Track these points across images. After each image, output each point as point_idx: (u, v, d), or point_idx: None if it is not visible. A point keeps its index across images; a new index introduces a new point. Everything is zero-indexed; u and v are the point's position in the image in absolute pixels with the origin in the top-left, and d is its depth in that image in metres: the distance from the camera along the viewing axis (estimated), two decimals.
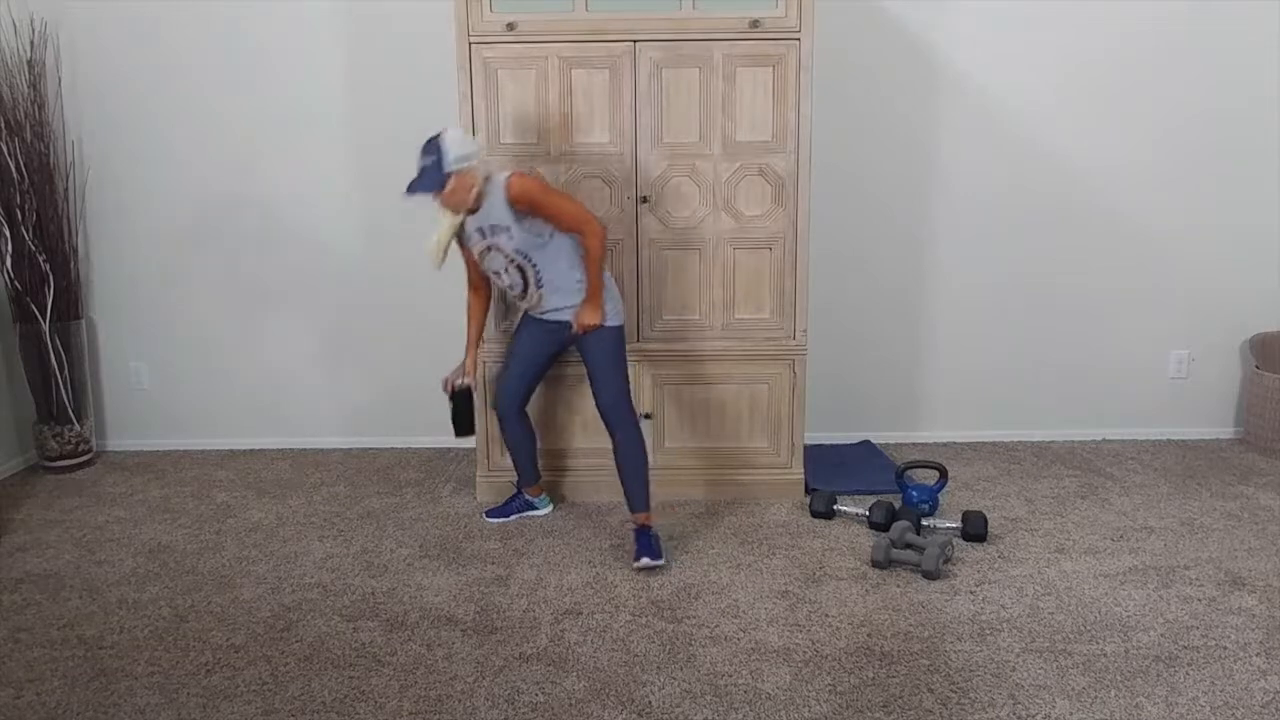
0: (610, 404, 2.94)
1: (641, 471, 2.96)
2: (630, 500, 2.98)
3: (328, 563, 2.98)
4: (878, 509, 3.18)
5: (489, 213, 2.79)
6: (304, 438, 4.17)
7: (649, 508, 2.99)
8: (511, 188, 2.73)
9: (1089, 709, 2.16)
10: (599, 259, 2.81)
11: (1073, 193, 3.95)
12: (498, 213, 2.78)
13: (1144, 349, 4.11)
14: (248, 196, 3.95)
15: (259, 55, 3.83)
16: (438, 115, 3.77)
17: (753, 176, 3.29)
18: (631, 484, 2.96)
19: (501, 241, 2.81)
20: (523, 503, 3.31)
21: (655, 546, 2.91)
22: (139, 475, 3.85)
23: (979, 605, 2.65)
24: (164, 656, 2.42)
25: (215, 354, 4.10)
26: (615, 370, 2.92)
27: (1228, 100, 3.88)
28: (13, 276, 3.72)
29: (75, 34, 3.83)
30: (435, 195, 2.69)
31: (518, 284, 2.91)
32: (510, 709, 2.18)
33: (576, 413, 3.42)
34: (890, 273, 4.02)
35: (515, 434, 3.17)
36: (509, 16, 3.15)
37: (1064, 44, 3.82)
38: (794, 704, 2.19)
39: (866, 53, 3.82)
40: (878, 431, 4.15)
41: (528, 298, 2.95)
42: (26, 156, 3.69)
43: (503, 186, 2.75)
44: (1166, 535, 3.13)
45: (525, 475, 3.26)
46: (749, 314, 3.39)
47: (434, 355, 4.04)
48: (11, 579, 2.89)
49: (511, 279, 2.90)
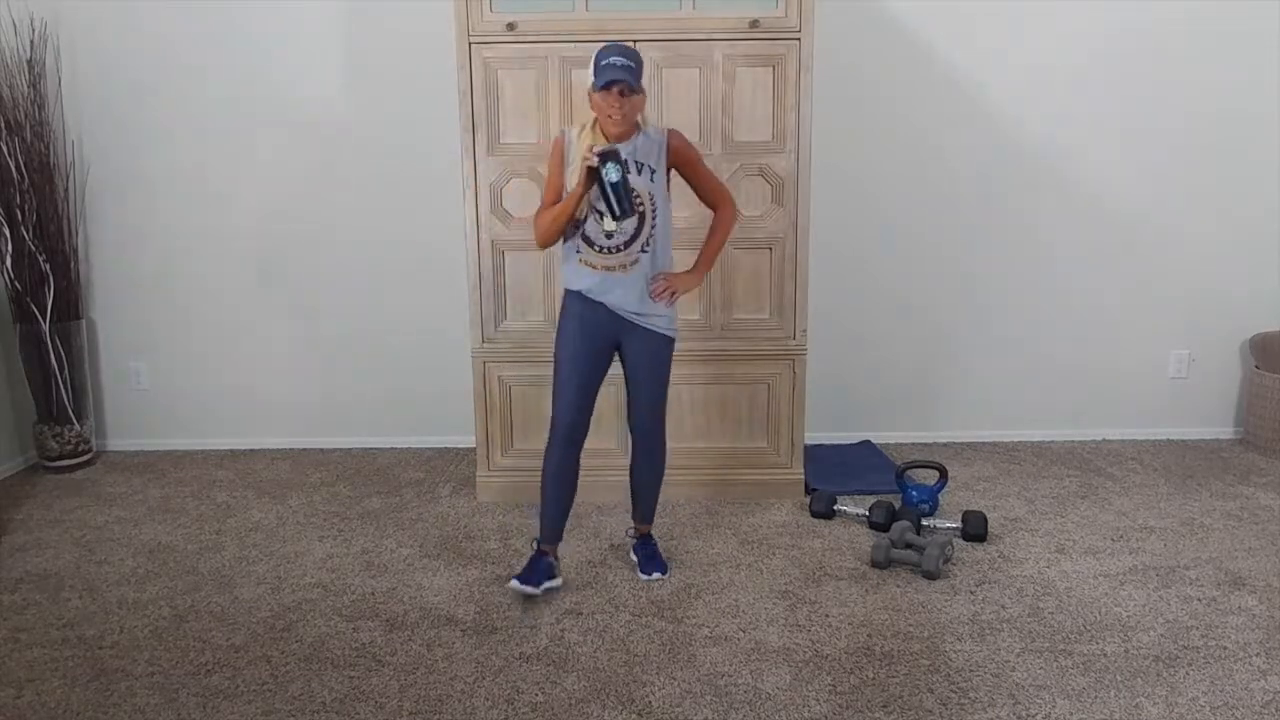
0: (651, 421, 2.80)
1: (658, 488, 2.93)
2: (640, 512, 2.95)
3: (328, 563, 2.98)
4: (878, 509, 3.18)
5: (640, 148, 2.61)
6: (304, 438, 4.17)
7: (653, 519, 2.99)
8: (674, 136, 2.66)
9: (1089, 709, 2.16)
10: (727, 234, 2.75)
11: (1073, 192, 3.95)
12: (648, 152, 2.62)
13: (1144, 349, 4.11)
14: (247, 196, 3.95)
15: (259, 55, 3.83)
16: (438, 115, 3.78)
17: (753, 176, 3.28)
18: (646, 499, 2.93)
19: (642, 181, 2.61)
20: (547, 566, 2.76)
21: (660, 559, 2.91)
22: (139, 475, 3.85)
23: (979, 605, 2.65)
24: (164, 656, 2.42)
25: (215, 354, 4.10)
26: (661, 385, 2.79)
27: (1228, 100, 3.88)
28: (13, 276, 3.72)
29: (75, 34, 3.83)
30: (626, 94, 2.49)
31: (629, 230, 2.61)
32: (510, 709, 2.18)
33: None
34: (890, 273, 4.02)
35: (569, 472, 2.75)
36: (509, 16, 3.15)
37: (1064, 44, 3.82)
38: (794, 704, 2.19)
39: (866, 53, 3.82)
40: (878, 431, 4.15)
41: (624, 253, 2.63)
42: (26, 156, 3.69)
43: (663, 133, 2.66)
44: (1166, 535, 3.13)
45: (554, 531, 2.79)
46: (749, 314, 3.39)
47: (434, 355, 4.04)
48: (11, 579, 2.89)
49: (627, 224, 2.60)
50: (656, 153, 2.63)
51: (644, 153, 2.62)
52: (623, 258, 2.64)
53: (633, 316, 2.68)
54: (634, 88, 2.50)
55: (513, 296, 3.37)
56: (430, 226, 3.93)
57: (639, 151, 2.61)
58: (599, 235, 2.62)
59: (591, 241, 2.63)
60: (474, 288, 3.35)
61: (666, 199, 2.68)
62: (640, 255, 2.64)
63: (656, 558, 2.91)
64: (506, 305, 3.37)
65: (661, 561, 2.90)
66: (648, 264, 2.66)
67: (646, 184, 2.61)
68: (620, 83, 2.47)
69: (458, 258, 3.88)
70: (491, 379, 3.41)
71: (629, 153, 2.58)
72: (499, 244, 3.32)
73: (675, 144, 2.66)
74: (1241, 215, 3.99)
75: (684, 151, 2.68)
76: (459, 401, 4.02)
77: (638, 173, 2.60)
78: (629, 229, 2.62)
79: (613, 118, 2.52)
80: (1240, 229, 4.00)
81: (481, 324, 3.37)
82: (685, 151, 2.68)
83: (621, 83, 2.47)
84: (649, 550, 2.93)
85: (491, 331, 3.38)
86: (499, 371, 3.41)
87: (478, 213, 3.29)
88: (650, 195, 2.62)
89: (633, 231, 2.62)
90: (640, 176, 2.60)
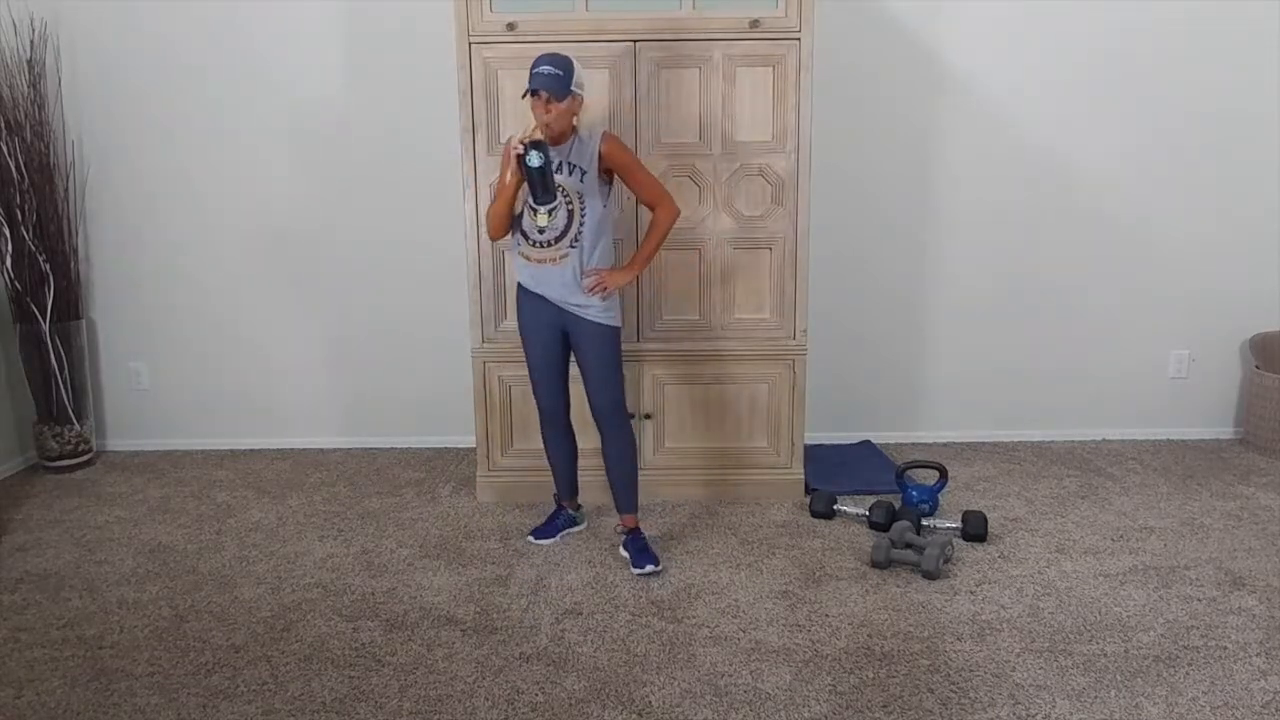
0: (607, 406, 2.91)
1: (633, 475, 2.98)
2: (620, 502, 2.99)
3: (328, 563, 2.98)
4: (878, 509, 3.18)
5: (573, 150, 2.77)
6: (304, 438, 4.17)
7: (637, 509, 3.01)
8: (607, 139, 2.78)
9: (1089, 709, 2.16)
10: (664, 233, 2.87)
11: (1073, 192, 3.95)
12: (581, 154, 2.77)
13: (1144, 349, 4.11)
14: (247, 196, 3.95)
15: (259, 55, 3.83)
16: (438, 115, 3.79)
17: (753, 176, 3.29)
18: (622, 486, 2.98)
19: (572, 181, 2.77)
20: (566, 518, 3.20)
21: (651, 551, 2.92)
22: (139, 475, 3.85)
23: (979, 605, 2.65)
24: (164, 656, 2.42)
25: (215, 354, 4.10)
26: (613, 371, 2.91)
27: (1228, 100, 3.88)
28: (13, 276, 3.72)
29: (75, 34, 3.83)
30: (550, 101, 2.65)
31: (559, 226, 2.78)
32: (510, 709, 2.18)
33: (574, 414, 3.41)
34: (890, 273, 4.02)
35: (561, 444, 3.08)
36: (509, 16, 3.15)
37: (1064, 44, 3.82)
38: (794, 704, 2.19)
39: (866, 53, 3.82)
40: (878, 431, 4.15)
41: (554, 247, 2.79)
42: (26, 156, 3.69)
43: (598, 135, 2.79)
44: (1166, 535, 3.13)
45: (568, 488, 3.17)
46: (749, 314, 3.39)
47: (433, 355, 4.04)
48: (11, 579, 2.89)
49: (557, 220, 2.78)
50: (589, 155, 2.77)
51: (576, 154, 2.78)
52: (553, 251, 2.80)
53: (570, 307, 2.84)
54: (558, 94, 2.64)
55: (512, 296, 3.37)
56: (430, 226, 3.93)
57: (573, 153, 2.78)
58: (533, 230, 2.81)
59: (527, 235, 2.84)
60: (474, 288, 3.35)
61: (598, 198, 2.81)
62: (569, 250, 2.80)
63: (647, 550, 2.91)
64: (506, 305, 3.37)
65: (652, 554, 2.90)
66: (576, 258, 2.80)
67: (576, 183, 2.77)
68: (543, 90, 2.63)
69: (458, 258, 3.88)
70: (491, 379, 3.41)
71: (564, 154, 2.77)
72: (499, 244, 3.33)
73: (605, 148, 2.79)
74: (1241, 215, 3.99)
75: (615, 154, 2.80)
76: (459, 401, 4.02)
77: (568, 173, 2.77)
78: (559, 225, 2.79)
79: (541, 121, 2.67)
80: (1240, 229, 4.00)
81: (481, 324, 3.37)
82: (617, 154, 2.80)
83: (544, 90, 2.62)
84: (639, 544, 2.94)
85: (491, 331, 3.38)
86: (499, 371, 3.41)
87: (478, 213, 3.29)
88: (579, 194, 2.78)
89: (562, 227, 2.79)
90: (570, 177, 2.77)
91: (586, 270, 2.81)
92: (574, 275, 2.81)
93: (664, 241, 2.93)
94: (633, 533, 2.99)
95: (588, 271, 2.82)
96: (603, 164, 2.79)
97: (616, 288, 2.85)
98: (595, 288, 2.81)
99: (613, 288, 2.84)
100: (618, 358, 2.92)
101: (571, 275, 2.80)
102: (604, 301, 2.84)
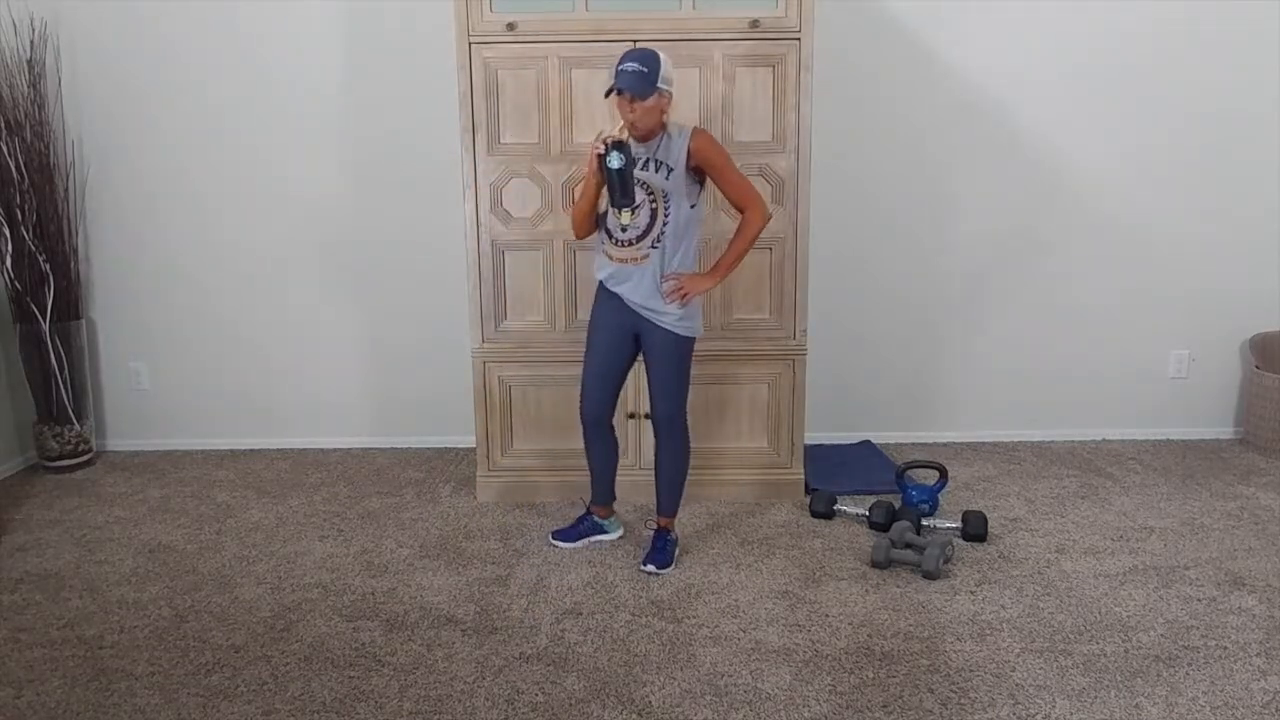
0: (671, 414, 2.86)
1: (680, 482, 2.96)
2: (663, 504, 2.97)
3: (328, 563, 2.98)
4: (878, 509, 3.18)
5: (661, 148, 2.68)
6: (304, 438, 4.17)
7: (675, 514, 3.00)
8: (697, 136, 2.68)
9: (1089, 709, 2.16)
10: (753, 238, 2.75)
11: (1073, 192, 3.95)
12: (669, 151, 2.68)
13: (1144, 349, 4.11)
14: (248, 196, 3.95)
15: (259, 55, 3.83)
16: (438, 115, 3.79)
17: (753, 176, 3.28)
18: (669, 491, 2.95)
19: (658, 179, 2.69)
20: (592, 524, 3.09)
21: (669, 555, 2.91)
22: (139, 475, 3.85)
23: (979, 605, 2.65)
24: (164, 656, 2.42)
25: (215, 354, 4.10)
26: (681, 382, 2.84)
27: (1228, 100, 3.88)
28: (13, 276, 3.72)
29: (75, 34, 3.83)
30: (634, 101, 2.56)
31: (641, 225, 2.71)
32: (510, 709, 2.18)
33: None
34: (890, 273, 4.02)
35: (601, 447, 2.99)
36: (509, 16, 3.15)
37: (1064, 44, 3.82)
38: (794, 704, 2.19)
39: (866, 53, 3.82)
40: (878, 431, 4.15)
41: (635, 247, 2.73)
42: (26, 156, 3.69)
43: (688, 132, 2.69)
44: (1166, 535, 3.13)
45: (601, 494, 3.08)
46: (749, 314, 3.39)
47: (434, 355, 4.04)
48: (11, 579, 2.89)
49: (640, 219, 2.72)
50: (680, 151, 2.68)
51: (664, 151, 2.68)
52: (634, 251, 2.74)
53: (644, 310, 2.77)
54: (641, 93, 2.55)
55: (513, 296, 3.37)
56: (430, 226, 3.93)
57: (660, 150, 2.68)
58: (616, 228, 2.76)
59: (610, 233, 2.79)
60: (474, 288, 3.35)
61: (684, 197, 2.71)
62: (650, 250, 2.72)
63: (661, 552, 2.91)
64: (506, 305, 3.37)
65: (665, 558, 2.90)
66: (657, 260, 2.72)
67: (661, 181, 2.68)
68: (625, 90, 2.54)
69: (458, 258, 3.88)
70: (491, 379, 3.41)
71: (652, 152, 2.67)
72: (499, 244, 3.32)
73: (695, 145, 2.69)
74: (1241, 215, 3.99)
75: (705, 151, 2.70)
76: (459, 401, 4.02)
77: (655, 170, 2.67)
78: (641, 224, 2.71)
79: (626, 120, 2.61)
80: (1240, 229, 4.00)
81: (481, 324, 3.37)
82: (707, 151, 2.70)
83: (627, 90, 2.54)
84: (659, 543, 2.94)
85: (491, 331, 3.38)
86: (499, 371, 3.41)
87: (478, 213, 3.29)
88: (664, 193, 2.68)
89: (645, 227, 2.71)
90: (657, 174, 2.67)
91: (666, 274, 2.73)
92: (654, 278, 2.73)
93: (752, 247, 2.80)
94: (661, 531, 2.97)
95: (667, 276, 2.74)
96: (691, 161, 2.68)
97: (696, 294, 2.77)
98: (673, 292, 2.73)
99: (693, 294, 2.75)
100: (687, 368, 2.84)
101: (651, 278, 2.73)
102: (682, 309, 2.76)
